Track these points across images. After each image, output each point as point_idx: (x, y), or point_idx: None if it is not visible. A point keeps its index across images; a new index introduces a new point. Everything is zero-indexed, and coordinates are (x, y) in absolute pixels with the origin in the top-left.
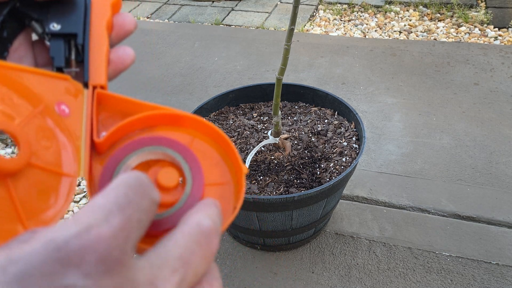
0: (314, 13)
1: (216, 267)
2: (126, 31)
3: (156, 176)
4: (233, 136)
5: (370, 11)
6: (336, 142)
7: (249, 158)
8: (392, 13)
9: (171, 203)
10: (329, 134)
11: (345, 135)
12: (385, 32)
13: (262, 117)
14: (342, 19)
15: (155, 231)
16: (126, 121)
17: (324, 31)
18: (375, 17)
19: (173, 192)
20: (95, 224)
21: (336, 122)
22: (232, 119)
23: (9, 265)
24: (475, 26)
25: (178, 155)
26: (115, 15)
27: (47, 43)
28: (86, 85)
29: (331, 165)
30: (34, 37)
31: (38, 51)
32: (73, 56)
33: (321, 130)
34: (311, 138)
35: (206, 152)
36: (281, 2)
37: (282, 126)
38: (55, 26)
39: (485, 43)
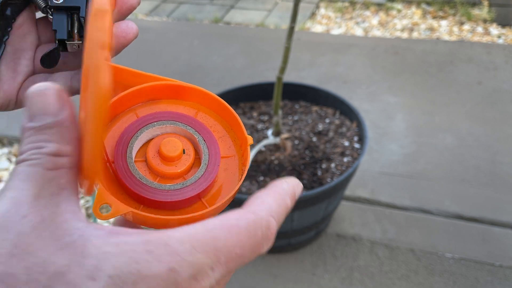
0: (315, 11)
1: None
2: (129, 7)
3: (160, 147)
4: None
5: (372, 8)
6: (338, 142)
7: (249, 159)
8: (395, 11)
9: (180, 173)
10: (331, 134)
11: (347, 135)
12: (387, 30)
13: (262, 117)
14: (343, 17)
15: (177, 200)
16: (127, 92)
17: (326, 29)
18: (377, 15)
19: (181, 163)
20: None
21: (337, 121)
22: None
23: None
24: (478, 24)
25: (191, 129)
26: None
27: (50, 17)
28: None
29: (332, 166)
30: (38, 15)
31: (42, 29)
32: (75, 29)
33: (322, 129)
34: (312, 138)
35: (210, 126)
36: (281, 0)
37: (283, 125)
38: (58, 0)
39: (489, 42)
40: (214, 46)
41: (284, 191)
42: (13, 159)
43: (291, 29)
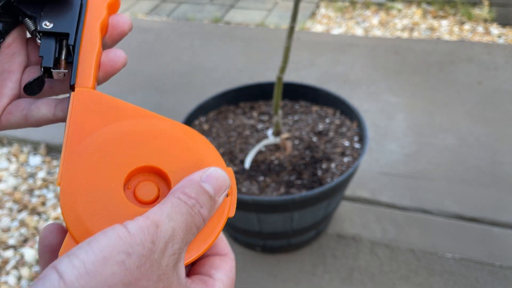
0: (315, 11)
1: None
2: (120, 33)
3: (135, 190)
4: (233, 136)
5: (372, 8)
6: (338, 142)
7: (249, 159)
8: (395, 10)
9: None
10: (331, 134)
11: (347, 135)
12: (387, 30)
13: (262, 117)
14: (343, 17)
15: None
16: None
17: (326, 29)
18: (378, 14)
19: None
20: None
21: (337, 121)
22: (232, 118)
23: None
24: (479, 24)
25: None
26: (111, 16)
27: (38, 41)
28: (72, 88)
29: (332, 166)
30: (29, 34)
31: (32, 49)
32: (63, 56)
33: (323, 129)
34: (312, 138)
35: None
36: None
37: (283, 125)
38: (47, 25)
39: (489, 41)
40: (214, 46)
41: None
42: (13, 159)
43: (291, 29)
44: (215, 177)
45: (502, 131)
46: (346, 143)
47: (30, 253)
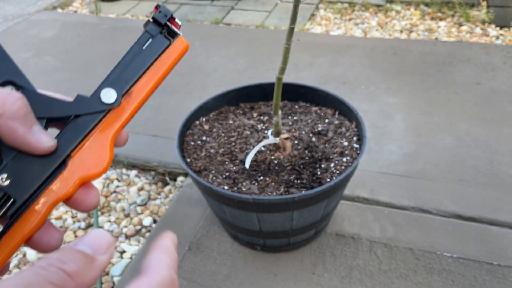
0: (315, 12)
1: None
2: (80, 209)
3: None
4: (233, 136)
5: (371, 10)
6: (337, 142)
7: (249, 158)
8: (393, 12)
9: None
10: (330, 134)
11: (346, 135)
12: (386, 31)
13: (262, 117)
14: (342, 18)
15: None
16: None
17: (325, 30)
18: (376, 16)
19: None
20: None
21: (336, 122)
22: (232, 118)
23: None
24: (477, 25)
25: None
26: (82, 188)
27: None
28: None
29: (331, 165)
30: None
31: None
32: None
33: (322, 130)
34: (312, 138)
35: None
36: (281, 1)
37: (282, 126)
38: (3, 180)
39: (487, 42)
40: (215, 47)
41: (169, 246)
42: None
43: (291, 30)
44: (92, 236)
45: (500, 131)
46: (345, 143)
47: (32, 252)
